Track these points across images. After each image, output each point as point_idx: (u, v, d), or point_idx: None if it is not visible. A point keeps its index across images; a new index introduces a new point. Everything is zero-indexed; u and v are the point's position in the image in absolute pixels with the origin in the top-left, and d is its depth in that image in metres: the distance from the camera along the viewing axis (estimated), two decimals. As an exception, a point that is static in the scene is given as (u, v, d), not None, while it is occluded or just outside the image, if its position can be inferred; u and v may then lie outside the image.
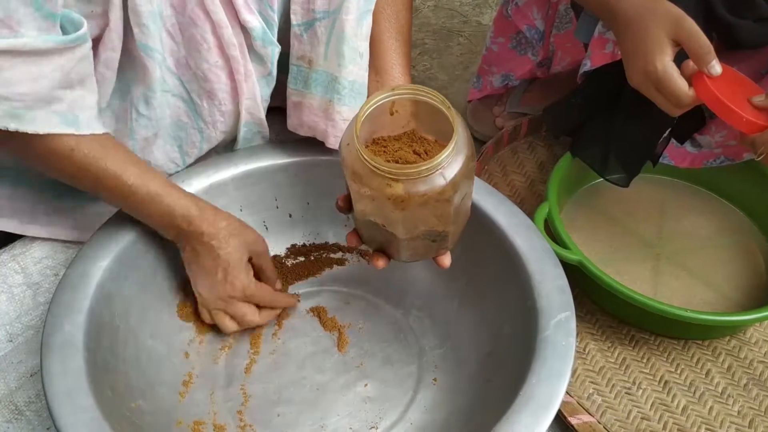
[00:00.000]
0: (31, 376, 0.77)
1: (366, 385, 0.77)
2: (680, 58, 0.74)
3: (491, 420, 0.62)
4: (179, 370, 0.76)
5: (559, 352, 0.65)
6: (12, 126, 0.63)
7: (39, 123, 0.64)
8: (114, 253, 0.73)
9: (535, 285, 0.71)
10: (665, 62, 0.72)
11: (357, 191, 0.60)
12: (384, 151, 0.62)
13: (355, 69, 0.77)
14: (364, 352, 0.80)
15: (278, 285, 0.81)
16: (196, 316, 0.79)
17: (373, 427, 0.73)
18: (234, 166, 0.83)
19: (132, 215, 0.74)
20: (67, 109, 0.66)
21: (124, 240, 0.75)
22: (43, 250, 0.86)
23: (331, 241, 0.89)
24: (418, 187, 0.57)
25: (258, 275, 0.78)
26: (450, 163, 0.58)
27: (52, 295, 0.70)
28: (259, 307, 0.78)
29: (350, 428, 0.73)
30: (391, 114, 0.62)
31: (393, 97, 0.60)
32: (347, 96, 0.78)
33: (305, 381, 0.77)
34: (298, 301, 0.85)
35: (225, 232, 0.74)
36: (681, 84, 0.72)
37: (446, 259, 0.69)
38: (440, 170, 0.57)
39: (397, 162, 0.60)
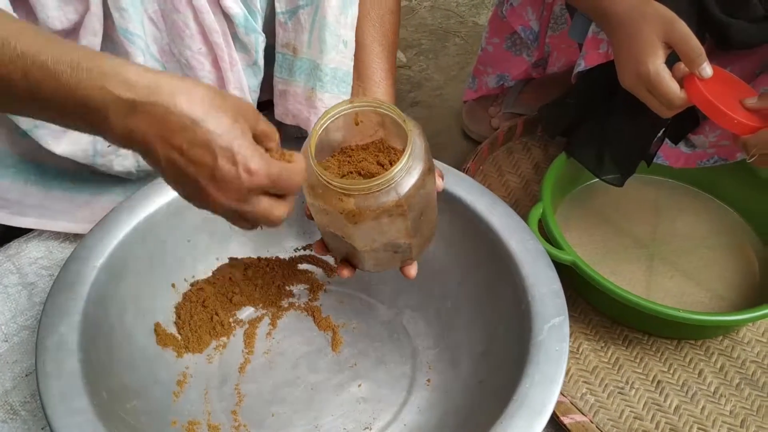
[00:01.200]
0: (26, 376, 0.77)
1: (360, 385, 0.77)
2: (672, 61, 0.75)
3: (484, 422, 0.62)
4: (173, 369, 0.76)
5: (553, 357, 0.65)
6: None
7: None
8: (108, 254, 0.73)
9: (528, 288, 0.71)
10: (657, 64, 0.73)
11: (312, 204, 0.60)
12: (348, 161, 0.61)
13: (338, 56, 0.77)
14: (358, 352, 0.80)
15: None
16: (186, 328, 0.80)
17: (366, 428, 0.74)
18: None
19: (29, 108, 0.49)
20: None
21: (118, 240, 0.74)
22: (38, 250, 0.86)
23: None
24: (369, 202, 0.57)
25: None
26: (403, 178, 0.57)
27: (47, 295, 0.70)
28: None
29: (344, 428, 0.74)
30: (356, 124, 0.62)
31: (351, 110, 0.60)
32: (329, 83, 0.78)
33: (299, 381, 0.77)
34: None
35: (203, 97, 0.49)
36: (673, 86, 0.73)
37: (412, 270, 0.68)
38: (392, 185, 0.57)
39: (360, 173, 0.60)
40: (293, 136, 0.87)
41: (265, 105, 0.89)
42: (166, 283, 0.80)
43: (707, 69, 0.73)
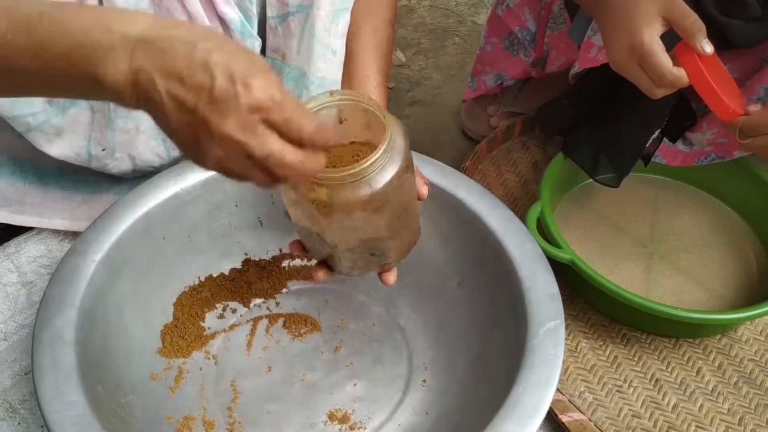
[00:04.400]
0: (25, 374, 0.77)
1: (355, 384, 0.77)
2: (667, 41, 0.72)
3: (478, 425, 0.62)
4: (170, 365, 0.77)
5: (547, 361, 0.65)
6: None
7: None
8: (107, 248, 0.73)
9: (525, 292, 0.71)
10: (652, 35, 0.70)
11: (285, 194, 0.59)
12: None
13: (326, 65, 0.77)
14: (354, 352, 0.80)
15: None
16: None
17: (361, 428, 0.74)
18: None
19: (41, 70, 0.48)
20: None
21: (118, 235, 0.74)
22: (37, 248, 0.86)
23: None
24: (342, 194, 0.56)
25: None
26: (378, 172, 0.56)
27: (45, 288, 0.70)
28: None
29: (339, 427, 0.74)
30: (340, 122, 0.60)
31: (329, 104, 0.59)
32: (315, 92, 0.78)
33: (295, 379, 0.78)
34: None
35: (212, 34, 0.48)
36: (665, 59, 0.70)
37: (390, 277, 0.67)
38: (366, 178, 0.55)
39: (334, 166, 0.59)
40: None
41: None
42: (164, 280, 0.80)
43: (707, 46, 0.70)
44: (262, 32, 0.80)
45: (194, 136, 0.47)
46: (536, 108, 1.08)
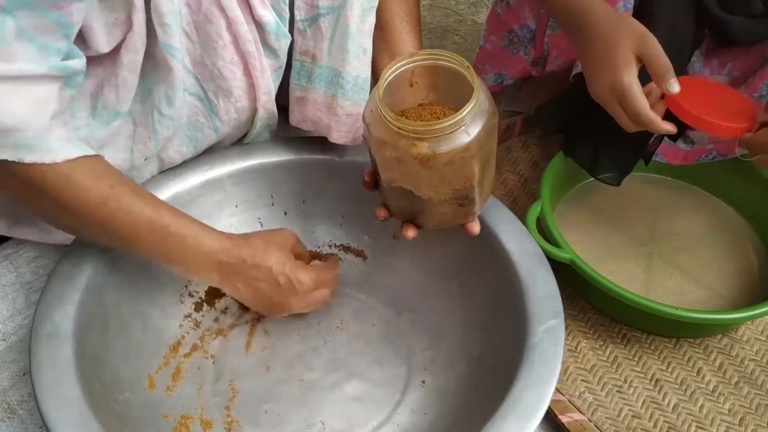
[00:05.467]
0: (23, 375, 0.77)
1: (354, 384, 0.77)
2: (645, 76, 0.76)
3: (477, 424, 0.62)
4: (169, 363, 0.76)
5: (547, 360, 0.65)
6: (27, 158, 0.61)
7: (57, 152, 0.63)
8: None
9: (525, 290, 0.71)
10: (631, 78, 0.74)
11: (383, 156, 0.61)
12: (405, 119, 0.62)
13: (359, 65, 0.78)
14: (354, 352, 0.80)
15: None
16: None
17: (360, 427, 0.73)
18: (230, 162, 0.84)
19: (161, 261, 0.71)
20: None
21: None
22: (35, 249, 0.86)
23: (326, 240, 0.89)
24: (442, 145, 0.59)
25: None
26: (473, 119, 0.59)
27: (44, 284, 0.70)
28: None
29: (337, 427, 0.74)
30: (411, 85, 0.64)
31: (413, 63, 0.62)
32: (350, 91, 0.78)
33: (294, 379, 0.77)
34: (340, 260, 0.88)
35: (261, 246, 0.73)
36: (642, 101, 0.74)
37: (475, 226, 0.71)
38: (463, 126, 0.59)
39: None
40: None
41: (278, 109, 0.88)
42: (165, 277, 0.79)
43: (674, 85, 0.75)
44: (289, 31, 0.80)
45: (268, 306, 0.77)
46: (536, 107, 1.08)
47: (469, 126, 0.59)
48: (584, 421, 0.80)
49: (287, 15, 0.78)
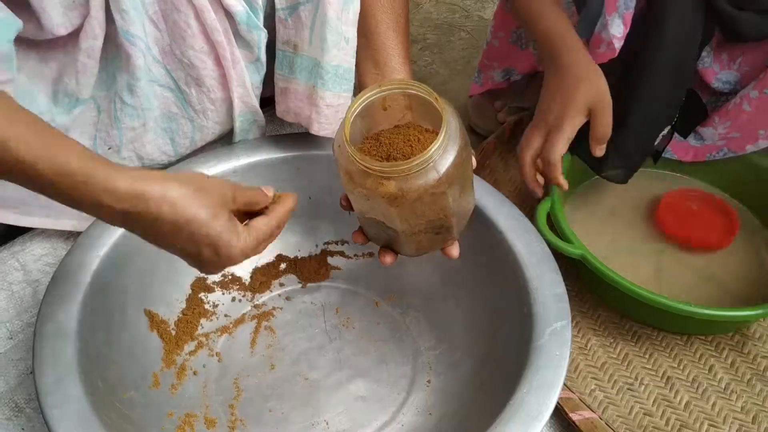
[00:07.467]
0: (30, 373, 0.77)
1: (359, 384, 0.76)
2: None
3: (482, 426, 0.61)
4: (173, 362, 0.76)
5: (553, 362, 0.64)
6: None
7: None
8: (111, 243, 0.72)
9: (532, 291, 0.70)
10: (568, 130, 0.84)
11: (351, 191, 0.60)
12: (378, 146, 0.61)
13: (340, 54, 0.76)
14: (359, 351, 0.80)
15: (269, 192, 0.64)
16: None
17: (364, 427, 0.73)
18: (236, 158, 0.83)
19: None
20: None
21: (122, 230, 0.73)
22: (42, 247, 0.86)
23: (332, 237, 0.89)
24: (411, 183, 0.57)
25: (245, 213, 0.63)
26: (442, 155, 0.57)
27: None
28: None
29: (341, 427, 0.73)
30: (384, 109, 0.61)
31: (380, 94, 0.60)
32: (330, 81, 0.77)
33: (298, 377, 0.77)
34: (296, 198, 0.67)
35: (183, 205, 0.55)
36: (556, 157, 0.84)
37: (454, 250, 0.69)
38: (432, 164, 0.56)
39: (391, 156, 0.60)
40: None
41: (268, 101, 0.88)
42: (168, 276, 0.79)
43: (597, 152, 0.87)
44: (268, 24, 0.79)
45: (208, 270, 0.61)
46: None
47: (438, 162, 0.56)
48: (595, 420, 0.79)
49: (260, 7, 0.77)
